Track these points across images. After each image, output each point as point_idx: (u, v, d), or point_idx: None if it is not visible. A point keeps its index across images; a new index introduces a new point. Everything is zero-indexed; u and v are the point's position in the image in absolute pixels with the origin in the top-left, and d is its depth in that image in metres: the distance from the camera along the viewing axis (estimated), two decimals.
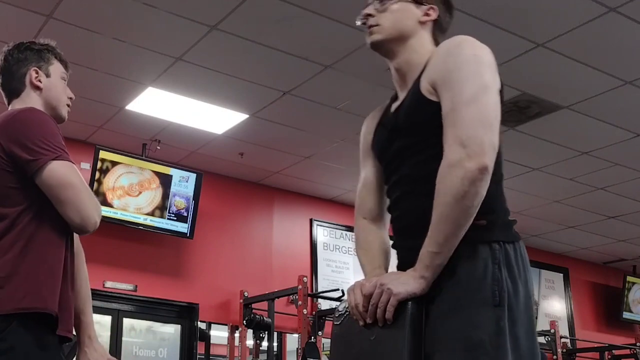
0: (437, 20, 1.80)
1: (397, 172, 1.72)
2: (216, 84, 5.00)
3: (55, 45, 2.23)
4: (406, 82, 1.77)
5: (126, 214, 5.79)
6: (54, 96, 2.15)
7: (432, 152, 1.60)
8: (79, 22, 4.29)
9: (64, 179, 1.94)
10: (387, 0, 1.77)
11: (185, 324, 6.19)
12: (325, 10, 4.15)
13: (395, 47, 1.77)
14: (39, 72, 2.13)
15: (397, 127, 1.73)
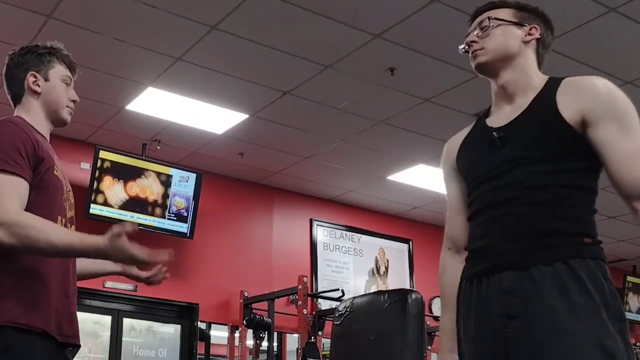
0: (539, 38, 1.89)
1: (502, 178, 1.77)
2: (216, 84, 5.00)
3: (60, 48, 2.20)
4: (514, 100, 1.85)
5: (126, 214, 5.78)
6: (53, 100, 2.11)
7: (549, 167, 1.72)
8: (79, 22, 4.28)
9: None
10: (489, 27, 1.86)
11: (185, 324, 6.19)
12: (325, 10, 4.15)
13: (500, 66, 1.87)
14: (37, 77, 2.10)
15: (509, 137, 1.79)
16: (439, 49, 4.53)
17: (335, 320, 2.10)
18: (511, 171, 1.75)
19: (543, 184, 1.72)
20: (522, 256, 1.68)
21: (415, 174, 6.59)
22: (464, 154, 1.93)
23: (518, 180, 1.74)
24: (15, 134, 1.93)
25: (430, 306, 7.53)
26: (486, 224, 1.80)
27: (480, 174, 1.83)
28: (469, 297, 1.77)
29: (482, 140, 1.87)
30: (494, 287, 1.70)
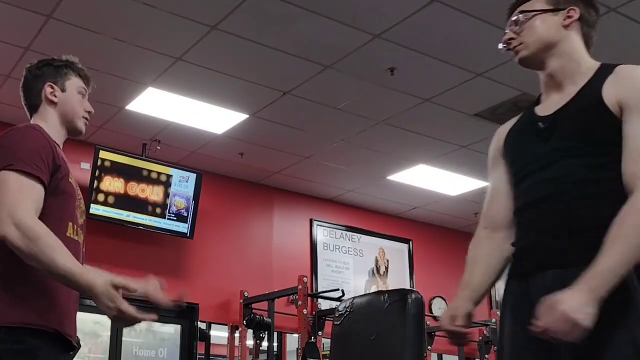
0: (580, 18, 1.82)
1: (546, 171, 1.73)
2: (216, 84, 5.00)
3: (76, 61, 2.25)
4: (562, 88, 1.80)
5: (126, 214, 5.79)
6: (69, 110, 2.18)
7: (596, 161, 1.67)
8: (79, 22, 4.29)
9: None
10: (524, 20, 1.84)
11: (185, 324, 6.19)
12: (325, 10, 4.15)
13: (545, 56, 1.82)
14: (54, 87, 2.17)
15: (555, 128, 1.75)
16: (439, 49, 4.53)
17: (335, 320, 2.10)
18: (556, 164, 1.71)
19: (588, 177, 1.67)
20: (564, 254, 1.66)
21: (415, 174, 6.59)
22: (510, 143, 1.89)
23: (562, 174, 1.70)
24: (38, 139, 2.01)
25: (430, 306, 7.53)
26: (530, 220, 1.77)
27: (525, 165, 1.80)
28: (514, 295, 1.75)
29: (528, 129, 1.83)
30: (538, 285, 1.67)
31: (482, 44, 4.46)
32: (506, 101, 5.18)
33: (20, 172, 1.90)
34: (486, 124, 5.55)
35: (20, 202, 1.85)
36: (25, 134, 2.03)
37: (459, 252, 8.09)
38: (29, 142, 1.99)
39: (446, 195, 7.11)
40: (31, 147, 1.97)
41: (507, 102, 5.19)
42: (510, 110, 5.32)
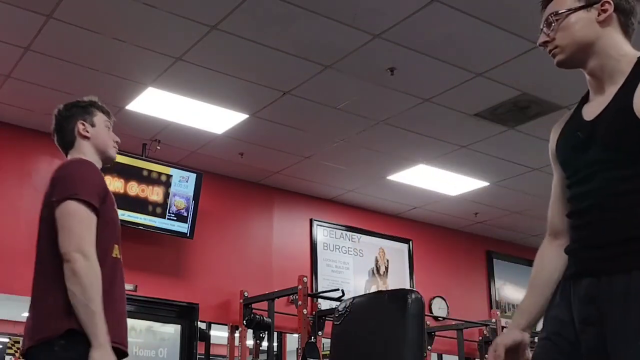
0: (616, 9, 1.74)
1: (587, 183, 1.73)
2: (216, 84, 5.00)
3: (97, 100, 2.62)
4: (603, 88, 1.74)
5: (126, 214, 5.78)
6: (101, 142, 2.48)
7: (631, 171, 1.64)
8: (79, 22, 4.29)
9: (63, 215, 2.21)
10: (554, 22, 1.78)
11: (185, 324, 6.19)
12: (325, 10, 4.15)
13: (583, 57, 1.76)
14: (85, 124, 2.48)
15: (593, 137, 1.71)
16: (439, 49, 4.53)
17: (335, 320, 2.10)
18: (594, 176, 1.70)
19: (624, 190, 1.66)
20: (599, 264, 1.68)
21: (415, 174, 6.59)
22: (560, 147, 1.86)
23: (599, 187, 1.69)
24: (95, 172, 2.33)
25: (430, 306, 7.53)
26: (574, 228, 1.80)
27: (570, 174, 1.80)
28: (560, 297, 1.77)
29: (572, 137, 1.80)
30: (577, 292, 1.70)
31: (482, 44, 4.46)
32: (506, 101, 5.18)
33: (84, 204, 2.19)
34: (486, 124, 5.55)
35: (86, 235, 2.15)
36: (84, 167, 2.32)
37: (459, 252, 8.17)
38: (88, 174, 2.29)
39: (446, 195, 7.11)
40: (90, 180, 2.27)
41: (507, 102, 5.19)
42: (510, 110, 5.32)
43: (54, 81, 5.00)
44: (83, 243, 2.12)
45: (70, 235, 2.14)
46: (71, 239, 2.13)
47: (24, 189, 5.67)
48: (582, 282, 1.69)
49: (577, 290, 1.70)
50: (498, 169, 6.41)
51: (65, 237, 2.14)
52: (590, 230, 1.72)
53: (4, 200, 5.56)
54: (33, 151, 5.77)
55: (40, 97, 5.22)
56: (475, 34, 4.34)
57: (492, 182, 6.73)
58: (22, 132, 5.71)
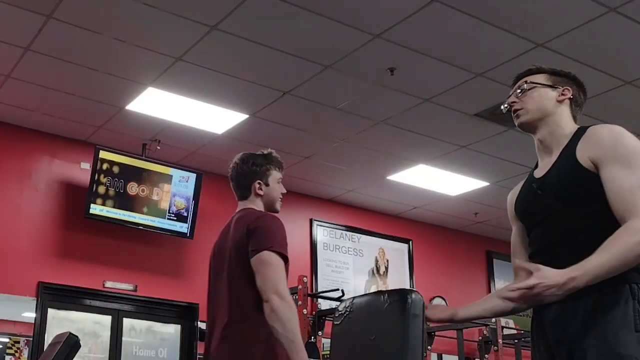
0: (572, 98, 2.15)
1: (544, 225, 2.06)
2: (216, 84, 5.00)
3: (274, 155, 2.94)
4: (551, 151, 2.13)
5: (126, 214, 5.79)
6: (271, 199, 2.91)
7: (579, 211, 1.97)
8: (79, 22, 4.28)
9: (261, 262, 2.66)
10: (527, 89, 2.16)
11: (185, 324, 6.19)
12: (325, 10, 4.15)
13: (539, 123, 2.14)
14: (261, 184, 2.89)
15: (545, 186, 2.07)
16: (439, 49, 4.53)
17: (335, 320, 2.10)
18: (549, 218, 2.03)
19: (576, 227, 1.96)
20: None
21: (415, 174, 6.59)
22: (518, 202, 2.22)
23: (555, 227, 2.01)
24: (283, 227, 2.76)
25: None
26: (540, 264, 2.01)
27: (528, 221, 2.14)
28: (535, 327, 2.06)
29: (528, 190, 2.17)
30: (547, 316, 1.98)
31: (482, 44, 4.46)
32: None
33: (278, 254, 2.66)
34: (486, 124, 5.55)
35: (280, 279, 2.62)
36: (276, 222, 2.75)
37: (459, 252, 8.17)
38: (280, 229, 2.73)
39: (446, 195, 7.11)
40: (282, 233, 2.73)
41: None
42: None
43: (54, 81, 5.00)
44: (277, 284, 2.59)
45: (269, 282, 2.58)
46: (267, 282, 2.58)
47: (24, 189, 5.67)
48: (551, 308, 1.95)
49: (548, 316, 1.97)
50: (498, 169, 6.41)
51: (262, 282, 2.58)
52: (554, 264, 1.91)
53: (4, 200, 5.56)
54: (33, 151, 5.77)
55: (40, 97, 5.22)
56: (475, 34, 4.33)
57: (492, 182, 6.73)
58: (22, 132, 5.71)
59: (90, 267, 5.76)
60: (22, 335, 7.95)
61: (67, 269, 5.65)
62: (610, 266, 1.82)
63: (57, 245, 5.69)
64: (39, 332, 5.43)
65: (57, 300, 5.64)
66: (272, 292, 2.53)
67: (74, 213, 5.72)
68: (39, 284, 5.50)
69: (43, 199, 5.73)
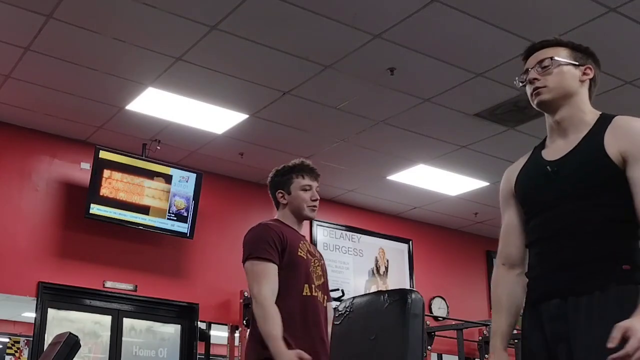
0: (593, 78, 2.05)
1: (553, 213, 1.94)
2: (216, 84, 5.00)
3: (300, 163, 3.06)
4: (567, 134, 2.00)
5: (126, 214, 5.79)
6: (296, 206, 2.98)
7: (595, 201, 1.88)
8: (79, 22, 4.28)
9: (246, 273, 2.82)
10: (550, 65, 2.01)
11: (185, 324, 6.19)
12: (325, 10, 4.15)
13: (561, 103, 2.00)
14: (283, 193, 2.98)
15: (561, 172, 1.95)
16: (439, 49, 4.53)
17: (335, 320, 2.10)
18: (561, 204, 1.92)
19: (589, 217, 1.87)
20: (565, 285, 1.87)
21: (415, 174, 6.59)
22: (521, 183, 2.07)
23: (566, 214, 1.91)
24: (264, 231, 2.84)
25: (430, 306, 7.53)
26: (539, 254, 1.97)
27: (535, 204, 2.00)
28: (529, 322, 1.96)
29: (537, 171, 2.02)
30: (545, 313, 1.89)
31: (482, 44, 4.46)
32: (506, 101, 5.18)
33: (253, 259, 2.76)
34: (486, 124, 5.55)
35: (259, 282, 2.71)
36: (252, 231, 2.87)
37: (459, 252, 8.17)
38: (258, 234, 2.83)
39: (446, 195, 7.11)
40: (253, 238, 2.82)
41: (507, 102, 5.19)
42: (510, 110, 5.32)
43: (54, 81, 5.00)
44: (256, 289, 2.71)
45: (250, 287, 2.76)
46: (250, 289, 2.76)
47: (24, 189, 5.68)
48: (551, 302, 1.88)
49: (546, 311, 1.89)
50: (498, 169, 6.37)
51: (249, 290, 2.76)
52: (557, 255, 1.91)
53: (4, 200, 5.56)
54: (33, 151, 5.77)
55: (40, 97, 5.22)
56: (475, 34, 4.33)
57: (492, 182, 6.73)
58: (22, 132, 5.71)
59: (90, 267, 5.76)
60: (22, 335, 7.97)
61: (67, 269, 5.65)
62: None
63: (57, 245, 5.69)
64: (39, 332, 5.43)
65: (57, 300, 5.64)
66: (253, 300, 2.74)
67: (74, 213, 5.72)
68: (39, 284, 5.50)
69: (43, 199, 5.73)
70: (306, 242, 2.97)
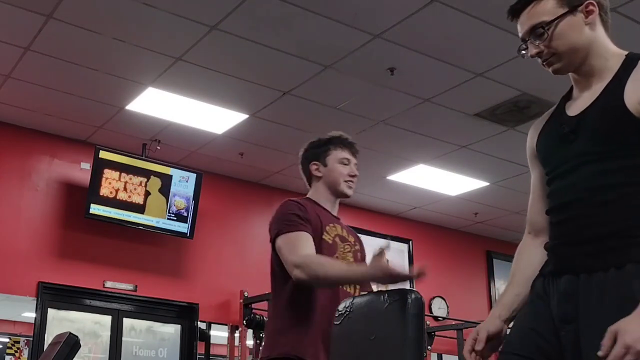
0: (599, 9, 1.76)
1: (569, 177, 1.71)
2: (216, 84, 5.00)
3: (338, 135, 2.84)
4: (591, 85, 1.74)
5: (126, 214, 5.79)
6: (332, 180, 2.71)
7: (617, 164, 1.62)
8: (79, 22, 4.29)
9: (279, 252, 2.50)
10: (543, 32, 1.73)
11: (185, 324, 6.19)
12: (325, 10, 4.15)
13: (578, 61, 1.75)
14: (318, 164, 2.73)
15: (579, 131, 1.69)
16: (439, 49, 4.53)
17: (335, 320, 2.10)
18: (578, 169, 1.67)
19: (608, 183, 1.63)
20: (579, 261, 1.65)
21: (415, 174, 6.59)
22: (541, 143, 1.83)
23: (583, 180, 1.66)
24: (288, 206, 2.57)
25: (430, 306, 7.53)
26: (555, 224, 1.76)
27: (551, 168, 1.77)
28: (537, 295, 1.73)
29: (555, 131, 1.78)
30: (555, 289, 1.68)
31: (482, 44, 4.46)
32: (506, 101, 5.18)
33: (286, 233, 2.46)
34: (486, 124, 5.55)
35: (293, 251, 2.41)
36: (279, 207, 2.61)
37: (459, 252, 8.17)
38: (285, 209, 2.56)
39: (446, 195, 7.11)
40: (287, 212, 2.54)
41: (507, 102, 5.19)
42: (510, 110, 5.32)
43: (54, 81, 5.00)
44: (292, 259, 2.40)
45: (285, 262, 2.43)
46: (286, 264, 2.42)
47: (24, 189, 5.68)
48: (561, 279, 1.67)
49: (555, 287, 1.67)
50: (498, 169, 6.41)
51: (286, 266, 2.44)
52: (571, 226, 1.69)
53: (4, 200, 5.56)
54: (33, 151, 5.77)
55: (40, 97, 5.22)
56: (475, 34, 4.33)
57: (492, 182, 6.73)
58: (22, 132, 5.71)
59: (90, 267, 5.76)
60: (22, 335, 7.96)
61: (67, 269, 5.65)
62: None
63: (57, 245, 5.69)
64: (39, 332, 5.43)
65: (57, 300, 5.64)
66: (293, 270, 2.40)
67: (74, 213, 5.72)
68: (39, 284, 5.50)
69: (43, 199, 5.73)
70: (339, 224, 2.72)
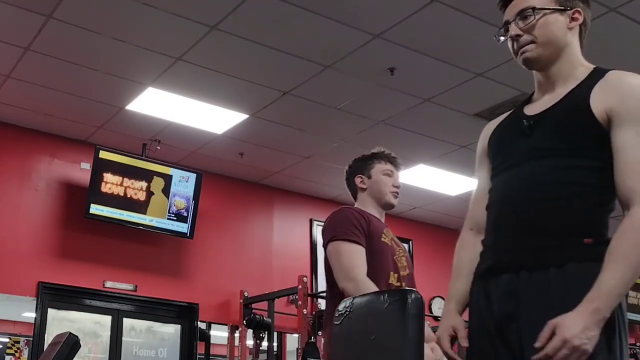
0: (582, 22, 1.80)
1: (515, 169, 1.71)
2: (216, 84, 5.00)
3: (381, 150, 2.89)
4: (554, 89, 1.76)
5: (126, 214, 5.79)
6: (377, 191, 2.82)
7: (567, 163, 1.64)
8: (79, 22, 4.29)
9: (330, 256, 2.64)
10: (531, 16, 1.74)
11: (185, 324, 6.19)
12: (325, 10, 4.15)
13: (550, 59, 1.76)
14: (362, 177, 2.85)
15: (538, 126, 1.70)
16: (439, 49, 4.53)
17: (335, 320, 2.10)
18: (530, 162, 1.67)
19: (558, 179, 1.63)
20: (520, 258, 1.63)
21: (415, 174, 6.59)
22: (494, 139, 1.86)
23: (530, 174, 1.66)
24: (348, 213, 2.72)
25: (430, 306, 7.53)
26: (496, 218, 1.74)
27: (502, 160, 1.77)
28: (477, 295, 1.73)
29: (513, 126, 1.79)
30: (495, 287, 1.66)
31: (482, 44, 4.46)
32: (506, 101, 5.17)
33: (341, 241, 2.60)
34: (486, 124, 5.54)
35: (356, 267, 2.51)
36: (336, 213, 2.75)
37: None
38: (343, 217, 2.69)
39: (446, 195, 7.11)
40: (345, 220, 2.67)
41: (507, 102, 5.18)
42: (510, 110, 5.32)
43: (54, 81, 5.00)
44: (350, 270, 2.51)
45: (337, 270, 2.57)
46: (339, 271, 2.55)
47: (24, 189, 5.68)
48: (501, 278, 1.65)
49: (496, 287, 1.66)
50: None
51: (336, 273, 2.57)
52: (511, 220, 1.67)
53: (4, 200, 5.57)
54: (33, 151, 5.77)
55: (40, 97, 5.22)
56: (475, 34, 4.33)
57: None
58: (22, 132, 5.72)
59: (90, 267, 5.76)
60: (22, 335, 7.97)
61: (67, 269, 5.65)
62: (628, 280, 1.51)
63: (57, 245, 5.69)
64: (39, 332, 5.43)
65: (57, 300, 5.64)
66: (346, 280, 2.51)
67: (74, 213, 5.72)
68: (39, 284, 5.50)
69: (43, 199, 5.73)
70: (390, 231, 2.78)
